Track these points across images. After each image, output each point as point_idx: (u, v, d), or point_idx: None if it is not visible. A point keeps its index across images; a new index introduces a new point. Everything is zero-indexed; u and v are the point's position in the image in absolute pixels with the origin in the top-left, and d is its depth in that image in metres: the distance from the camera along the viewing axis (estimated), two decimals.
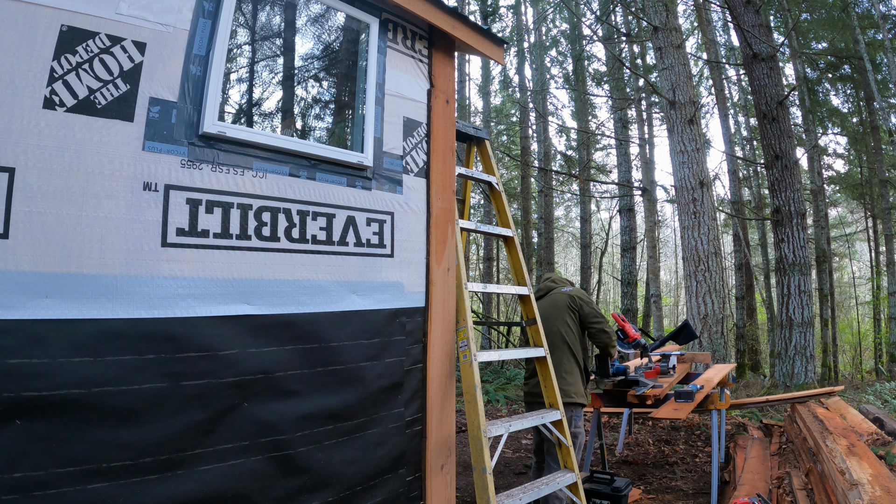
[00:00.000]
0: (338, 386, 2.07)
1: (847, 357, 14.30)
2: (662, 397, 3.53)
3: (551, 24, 15.44)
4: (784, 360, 7.57)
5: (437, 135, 2.59)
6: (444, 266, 2.55)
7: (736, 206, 13.19)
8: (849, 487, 2.52)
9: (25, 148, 1.44)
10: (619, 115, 13.43)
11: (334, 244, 2.11)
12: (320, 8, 2.63)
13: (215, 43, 1.80)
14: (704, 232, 7.67)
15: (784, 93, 8.02)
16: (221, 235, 1.78)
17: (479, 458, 2.42)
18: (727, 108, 14.27)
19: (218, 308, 1.75)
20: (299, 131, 3.36)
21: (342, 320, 2.10)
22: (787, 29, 11.12)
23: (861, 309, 16.39)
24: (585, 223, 14.18)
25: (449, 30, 2.53)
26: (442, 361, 2.47)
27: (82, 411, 1.46)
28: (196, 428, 1.66)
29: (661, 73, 8.47)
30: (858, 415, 4.21)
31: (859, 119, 13.61)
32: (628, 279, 12.89)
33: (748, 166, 14.06)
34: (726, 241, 17.07)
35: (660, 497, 3.69)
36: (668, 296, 21.35)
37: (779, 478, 3.56)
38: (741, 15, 8.07)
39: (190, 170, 1.73)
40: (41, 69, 1.47)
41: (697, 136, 7.96)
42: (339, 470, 2.04)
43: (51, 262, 1.45)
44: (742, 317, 12.94)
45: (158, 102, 1.67)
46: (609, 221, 16.24)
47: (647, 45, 12.23)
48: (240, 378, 1.77)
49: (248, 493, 1.76)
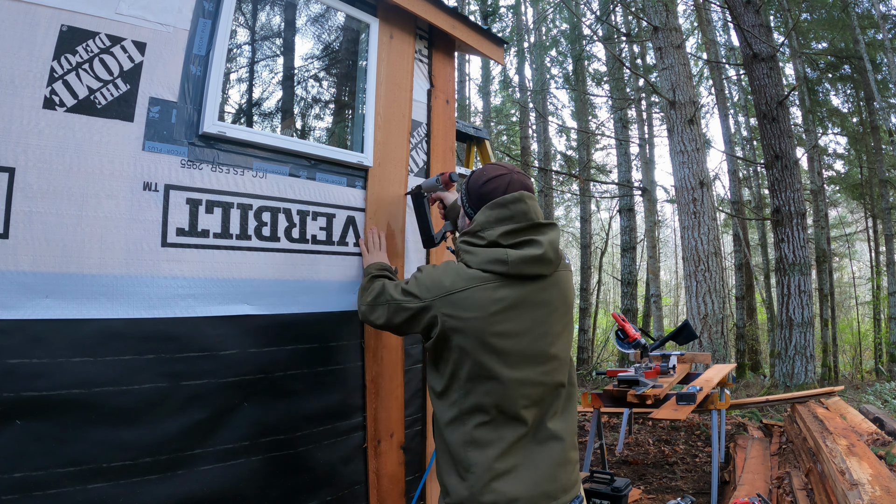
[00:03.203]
0: (338, 386, 2.07)
1: (847, 357, 14.30)
2: (662, 397, 3.53)
3: (551, 24, 15.44)
4: (784, 360, 7.57)
5: (437, 135, 2.59)
6: None
7: (736, 206, 13.19)
8: (849, 487, 2.52)
9: (25, 148, 1.44)
10: (619, 115, 13.43)
11: (334, 244, 2.11)
12: (320, 8, 2.63)
13: (215, 43, 1.80)
14: (704, 232, 7.68)
15: (784, 93, 8.02)
16: (221, 235, 1.78)
17: None
18: (727, 108, 14.27)
19: (218, 308, 1.75)
20: (299, 131, 3.36)
21: (342, 320, 2.10)
22: (787, 29, 11.12)
23: (861, 309, 16.38)
24: (585, 223, 14.18)
25: (449, 30, 2.53)
26: None
27: (82, 411, 1.45)
28: (196, 428, 1.66)
29: (661, 73, 8.47)
30: (858, 415, 4.21)
31: (859, 119, 13.61)
32: (628, 279, 12.90)
33: (748, 166, 14.06)
34: (726, 241, 17.07)
35: (660, 497, 3.69)
36: (668, 296, 21.36)
37: (779, 478, 3.56)
38: (741, 15, 8.07)
39: (190, 170, 1.73)
40: (41, 69, 1.47)
41: (697, 136, 7.96)
42: (338, 469, 2.04)
43: (51, 261, 1.45)
44: (742, 317, 12.94)
45: (158, 102, 1.67)
46: (609, 221, 16.24)
47: (647, 45, 12.23)
48: (240, 378, 1.77)
49: (248, 493, 1.76)
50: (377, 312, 1.60)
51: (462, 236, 1.50)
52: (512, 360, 1.38)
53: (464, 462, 1.39)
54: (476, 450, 1.38)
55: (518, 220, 1.41)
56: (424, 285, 1.45)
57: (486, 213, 1.44)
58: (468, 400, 1.40)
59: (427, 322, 1.43)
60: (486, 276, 1.38)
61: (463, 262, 1.45)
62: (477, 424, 1.39)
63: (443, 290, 1.40)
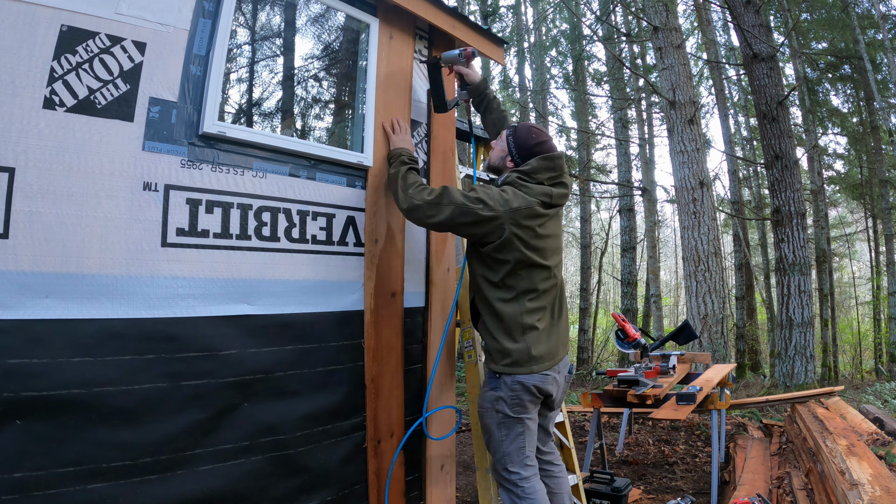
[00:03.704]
0: (338, 386, 2.07)
1: (847, 357, 14.29)
2: (662, 397, 3.52)
3: (551, 24, 15.44)
4: (784, 360, 7.56)
5: (437, 135, 2.59)
6: (444, 266, 2.55)
7: (736, 206, 13.19)
8: (849, 487, 2.52)
9: (25, 148, 1.44)
10: (619, 115, 13.43)
11: (334, 244, 2.11)
12: (320, 8, 2.63)
13: (215, 43, 1.80)
14: (704, 232, 7.67)
15: (784, 93, 8.02)
16: (221, 235, 1.78)
17: (482, 458, 2.43)
18: (727, 108, 14.26)
19: (218, 308, 1.75)
20: (299, 131, 3.36)
21: (342, 320, 2.10)
22: (787, 29, 11.12)
23: (861, 309, 16.37)
24: (585, 223, 14.17)
25: (449, 30, 2.53)
26: (442, 361, 2.46)
27: (82, 411, 1.46)
28: (196, 428, 1.66)
29: (661, 73, 8.47)
30: (858, 415, 4.21)
31: (859, 119, 13.61)
32: (628, 279, 12.89)
33: (748, 166, 14.06)
34: (726, 241, 17.07)
35: (660, 497, 3.69)
36: (668, 296, 21.35)
37: (779, 478, 3.56)
38: (741, 15, 8.06)
39: (190, 170, 1.73)
40: (41, 69, 1.47)
41: (697, 136, 7.96)
42: (338, 469, 2.04)
43: (51, 261, 1.45)
44: (742, 317, 12.93)
45: (158, 102, 1.67)
46: (609, 221, 16.22)
47: (647, 45, 12.23)
48: (240, 378, 1.77)
49: (248, 493, 1.76)
50: (438, 211, 1.96)
51: (514, 173, 2.10)
52: (547, 253, 2.08)
53: (521, 327, 2.03)
54: (529, 317, 2.04)
55: (557, 170, 2.12)
56: (496, 200, 1.96)
57: (539, 163, 2.10)
58: (522, 284, 2.04)
59: (492, 228, 1.97)
60: (538, 202, 2.03)
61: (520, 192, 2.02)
62: (529, 300, 2.04)
63: (511, 207, 1.96)
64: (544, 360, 2.06)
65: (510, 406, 2.03)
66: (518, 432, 2.06)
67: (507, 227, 1.96)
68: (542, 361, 2.05)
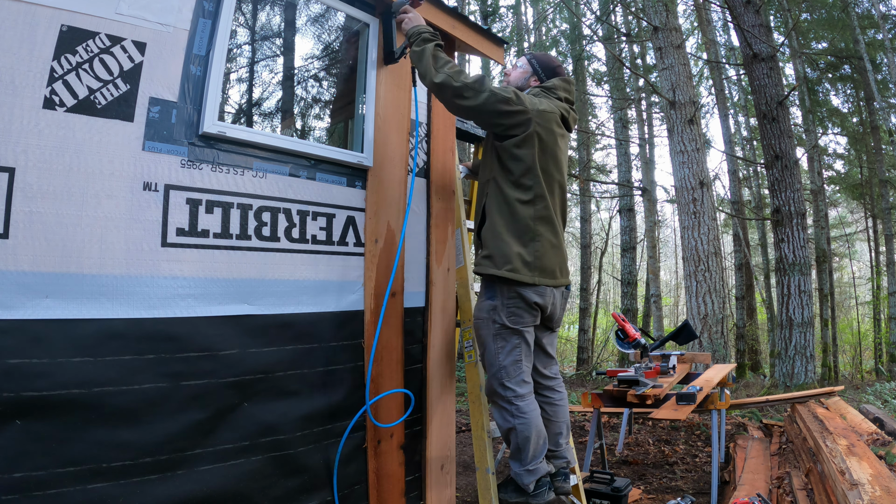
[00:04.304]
0: (338, 386, 2.07)
1: (847, 357, 14.29)
2: (662, 397, 3.52)
3: (551, 24, 15.44)
4: (784, 360, 7.56)
5: (438, 135, 2.59)
6: (444, 266, 2.55)
7: (736, 206, 13.18)
8: (849, 487, 2.52)
9: (25, 148, 1.44)
10: (619, 115, 13.43)
11: (334, 244, 2.11)
12: (320, 8, 2.63)
13: (215, 43, 1.80)
14: (704, 232, 7.67)
15: (784, 93, 8.02)
16: (221, 235, 1.78)
17: (482, 458, 2.42)
18: (727, 108, 14.26)
19: (218, 308, 1.75)
20: (299, 131, 3.36)
21: (342, 320, 2.10)
22: (787, 29, 11.12)
23: (861, 309, 16.37)
24: (585, 223, 14.17)
25: (449, 30, 2.53)
26: (442, 361, 2.46)
27: (82, 411, 1.46)
28: (196, 428, 1.66)
29: (661, 73, 8.47)
30: (858, 415, 4.21)
31: (859, 119, 13.60)
32: (628, 279, 12.89)
33: (748, 166, 14.06)
34: (726, 241, 17.06)
35: (660, 497, 3.69)
36: (668, 296, 21.35)
37: (779, 478, 3.56)
38: (741, 15, 8.06)
39: (190, 170, 1.73)
40: (41, 69, 1.47)
41: (697, 136, 7.96)
42: (338, 469, 2.04)
43: (51, 261, 1.45)
44: (742, 317, 12.93)
45: (158, 102, 1.67)
46: (609, 221, 16.22)
47: (647, 45, 12.23)
48: (240, 378, 1.77)
49: (248, 493, 1.76)
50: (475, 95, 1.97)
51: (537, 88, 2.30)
52: (560, 166, 2.18)
53: (532, 232, 2.06)
54: (540, 224, 2.07)
55: (571, 94, 2.36)
56: (526, 98, 2.09)
57: (559, 83, 2.32)
58: (539, 187, 2.08)
59: (520, 121, 2.05)
60: (559, 114, 2.19)
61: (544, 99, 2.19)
62: (543, 206, 2.09)
63: (539, 109, 2.09)
64: (546, 275, 2.06)
65: (507, 315, 2.00)
66: (514, 344, 2.02)
67: (533, 124, 2.06)
68: (544, 275, 2.05)
